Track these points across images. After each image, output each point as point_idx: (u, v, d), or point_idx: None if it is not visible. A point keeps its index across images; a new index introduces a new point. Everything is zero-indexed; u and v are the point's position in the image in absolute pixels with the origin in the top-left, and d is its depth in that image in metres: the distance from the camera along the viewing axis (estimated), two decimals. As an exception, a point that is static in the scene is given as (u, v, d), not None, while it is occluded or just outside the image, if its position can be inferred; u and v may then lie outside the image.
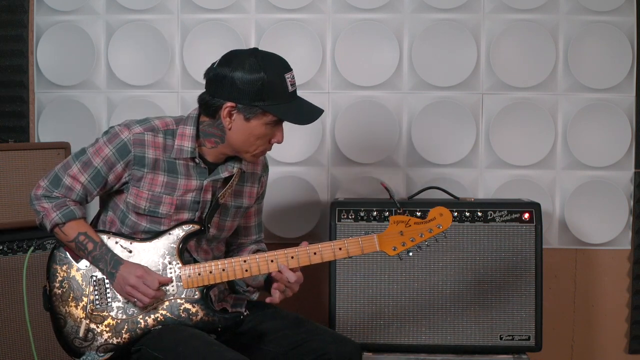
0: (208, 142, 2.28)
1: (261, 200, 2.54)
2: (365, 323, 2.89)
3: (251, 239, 2.55)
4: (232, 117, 2.20)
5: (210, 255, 2.40)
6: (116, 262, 2.25)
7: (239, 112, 2.19)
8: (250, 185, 2.43)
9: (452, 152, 3.22)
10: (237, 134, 2.22)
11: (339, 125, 3.24)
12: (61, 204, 2.27)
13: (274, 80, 2.17)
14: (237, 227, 2.51)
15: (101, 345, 2.25)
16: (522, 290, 2.87)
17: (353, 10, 3.21)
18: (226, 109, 2.19)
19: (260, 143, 2.24)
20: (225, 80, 2.17)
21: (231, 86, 2.16)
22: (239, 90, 2.16)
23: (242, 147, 2.24)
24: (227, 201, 2.37)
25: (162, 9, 3.26)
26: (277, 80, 2.17)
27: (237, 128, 2.21)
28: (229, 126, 2.21)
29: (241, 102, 2.17)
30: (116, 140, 2.25)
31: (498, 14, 3.17)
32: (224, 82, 2.17)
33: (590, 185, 3.19)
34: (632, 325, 3.22)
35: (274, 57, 2.23)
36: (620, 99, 3.16)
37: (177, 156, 2.27)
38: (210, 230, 2.35)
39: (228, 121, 2.20)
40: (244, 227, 2.53)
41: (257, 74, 2.15)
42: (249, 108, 2.17)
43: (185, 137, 2.27)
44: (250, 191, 2.44)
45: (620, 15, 3.14)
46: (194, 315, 2.26)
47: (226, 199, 2.36)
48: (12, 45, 3.31)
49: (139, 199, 2.28)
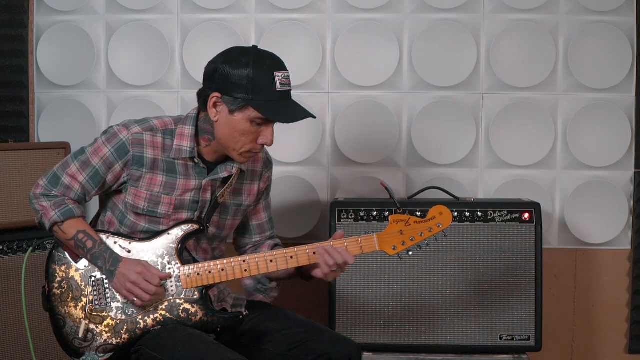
0: (203, 140, 2.28)
1: (267, 196, 2.53)
2: (365, 323, 2.89)
3: (265, 235, 2.54)
4: (217, 109, 2.20)
5: (210, 254, 2.40)
6: (115, 259, 2.25)
7: (224, 104, 2.19)
8: (249, 182, 2.43)
9: (452, 152, 3.22)
10: (222, 128, 2.21)
11: (339, 125, 3.23)
12: (60, 202, 2.27)
13: (262, 76, 2.15)
14: (250, 226, 2.50)
15: (101, 346, 2.25)
16: (522, 290, 2.87)
17: (353, 10, 3.21)
18: (212, 99, 2.19)
19: (246, 141, 2.21)
20: (216, 72, 2.18)
21: (220, 78, 2.17)
22: (226, 82, 2.16)
23: (228, 143, 2.23)
24: (226, 200, 2.37)
25: (162, 9, 3.26)
26: (266, 77, 2.16)
27: (222, 121, 2.20)
28: (215, 118, 2.21)
29: (226, 93, 2.17)
30: (115, 140, 2.25)
31: (498, 14, 3.17)
32: (214, 74, 2.19)
33: (590, 185, 3.19)
34: (632, 325, 3.22)
35: (268, 55, 2.22)
36: (620, 99, 3.16)
37: (176, 156, 2.27)
38: (210, 229, 2.35)
39: (214, 112, 2.20)
40: (257, 225, 2.52)
41: (246, 68, 2.15)
42: (233, 100, 2.16)
43: (184, 136, 2.27)
44: (250, 189, 2.43)
45: (620, 15, 3.14)
46: (193, 315, 2.26)
47: (225, 198, 2.36)
48: (12, 45, 3.31)
49: (137, 199, 2.28)
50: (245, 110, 2.17)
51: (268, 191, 2.52)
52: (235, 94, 2.16)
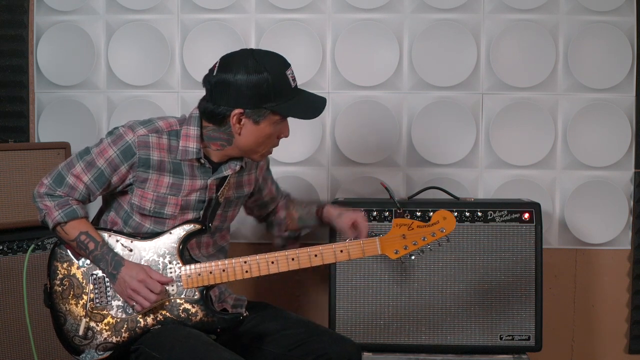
0: (214, 145, 2.28)
1: (269, 172, 2.59)
2: (365, 323, 2.89)
3: (278, 200, 2.63)
4: (241, 123, 2.20)
5: (212, 247, 2.42)
6: (117, 263, 2.25)
7: (247, 117, 2.19)
8: (248, 173, 2.46)
9: (452, 152, 3.22)
10: (247, 138, 2.22)
11: (339, 125, 3.24)
12: (64, 203, 2.27)
13: (278, 80, 2.16)
14: (264, 201, 2.58)
15: (100, 344, 2.25)
16: (522, 290, 2.87)
17: (353, 10, 3.21)
18: (234, 116, 2.18)
19: (270, 142, 2.26)
20: (230, 87, 2.15)
21: (237, 92, 2.15)
22: (245, 96, 2.15)
23: (252, 148, 2.26)
24: (230, 195, 2.38)
25: (162, 9, 3.26)
26: (281, 79, 2.17)
27: (246, 132, 2.21)
28: (239, 132, 2.21)
29: (249, 107, 2.17)
30: (121, 142, 2.25)
31: (498, 14, 3.17)
32: (228, 89, 2.16)
33: (590, 185, 3.19)
34: (632, 325, 3.22)
35: (272, 55, 2.23)
36: (620, 99, 3.16)
37: (183, 157, 2.27)
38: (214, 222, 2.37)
39: (237, 127, 2.21)
40: (270, 198, 2.60)
41: (260, 75, 2.14)
42: (258, 111, 2.17)
43: (190, 137, 2.27)
44: (249, 179, 2.47)
45: (620, 15, 3.14)
46: (193, 315, 2.26)
47: (229, 193, 2.37)
48: (12, 45, 3.31)
49: (144, 200, 2.28)
50: (270, 116, 2.19)
51: (268, 169, 2.58)
52: (259, 105, 2.16)
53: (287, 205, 2.62)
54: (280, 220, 2.61)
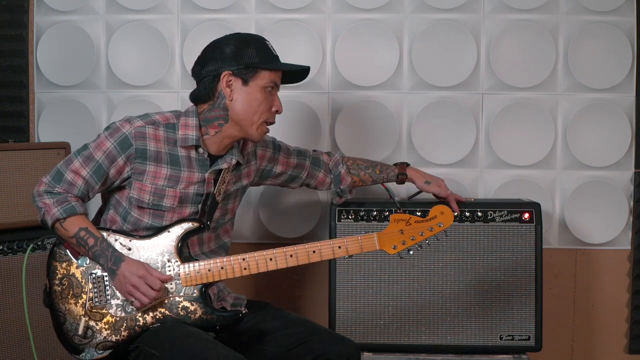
0: (211, 128, 2.30)
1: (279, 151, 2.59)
2: (365, 323, 2.89)
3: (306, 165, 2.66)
4: (231, 87, 2.25)
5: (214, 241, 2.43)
6: (117, 258, 2.25)
7: (236, 78, 2.25)
8: (246, 166, 2.47)
9: (452, 152, 3.22)
10: (239, 103, 2.26)
11: (339, 125, 3.24)
12: (63, 199, 2.28)
13: (260, 45, 2.28)
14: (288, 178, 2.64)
15: (100, 343, 2.25)
16: (522, 290, 2.86)
17: (353, 10, 3.21)
18: (224, 79, 2.25)
19: (263, 109, 2.28)
20: (215, 57, 2.26)
21: (221, 57, 2.25)
22: (231, 58, 2.25)
23: (247, 117, 2.28)
24: (228, 188, 2.39)
25: (162, 9, 3.26)
26: (263, 46, 2.29)
27: (238, 96, 2.26)
28: (230, 97, 2.26)
29: (236, 66, 2.24)
30: (117, 134, 2.27)
31: (498, 14, 3.17)
32: (213, 59, 2.26)
33: (590, 185, 3.19)
34: (632, 325, 3.21)
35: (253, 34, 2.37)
36: (620, 99, 3.16)
37: (183, 144, 2.28)
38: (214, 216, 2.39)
39: (229, 91, 2.26)
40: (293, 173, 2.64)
41: (243, 41, 2.27)
42: (245, 70, 2.25)
43: (189, 127, 2.30)
44: (248, 171, 2.48)
45: (620, 15, 3.14)
46: (192, 313, 2.26)
47: (227, 187, 2.38)
48: (12, 45, 3.31)
49: (142, 193, 2.28)
50: (257, 77, 2.25)
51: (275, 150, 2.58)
52: (245, 61, 2.24)
53: (349, 170, 2.72)
54: (347, 186, 2.71)
